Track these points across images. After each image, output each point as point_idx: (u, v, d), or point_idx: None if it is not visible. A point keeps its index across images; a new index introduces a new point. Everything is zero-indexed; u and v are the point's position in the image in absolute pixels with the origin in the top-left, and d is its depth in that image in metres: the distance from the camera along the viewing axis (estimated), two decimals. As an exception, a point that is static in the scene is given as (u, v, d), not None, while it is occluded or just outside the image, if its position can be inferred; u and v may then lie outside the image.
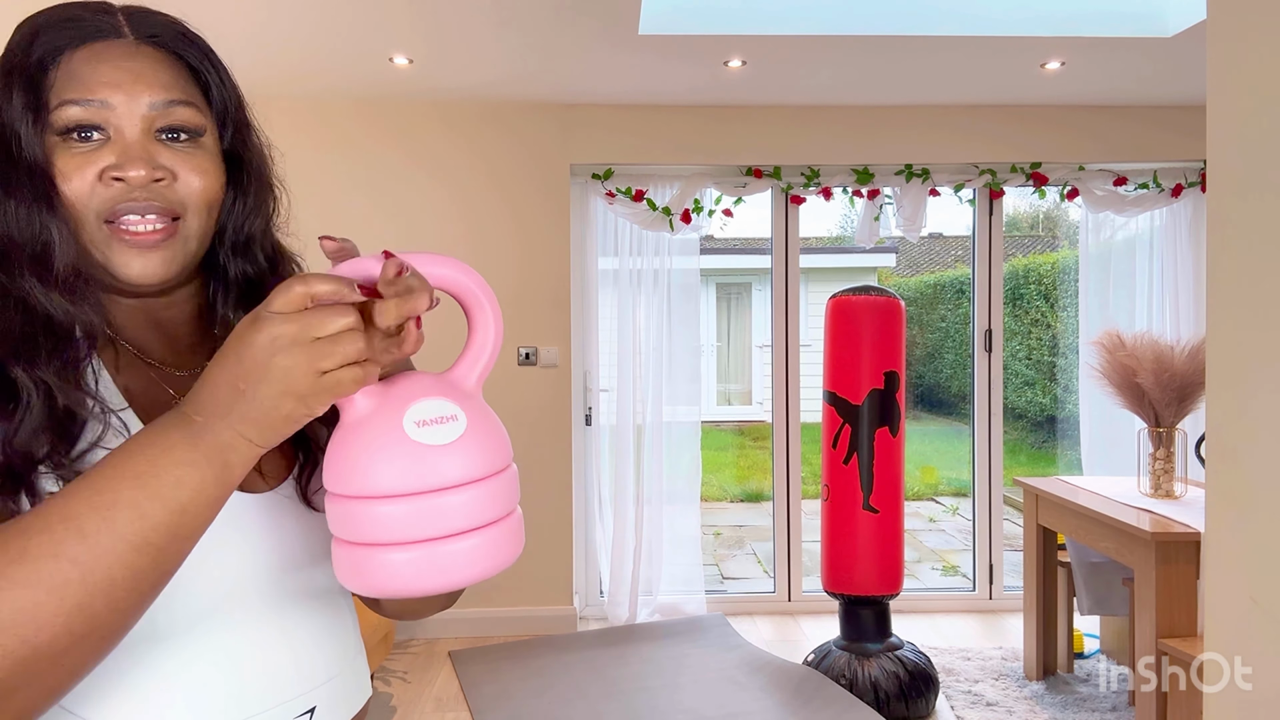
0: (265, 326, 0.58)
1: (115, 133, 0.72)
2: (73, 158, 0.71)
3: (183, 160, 0.75)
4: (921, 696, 3.29)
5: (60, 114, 0.71)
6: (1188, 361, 3.10)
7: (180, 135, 0.76)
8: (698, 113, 4.25)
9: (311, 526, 0.80)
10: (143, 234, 0.73)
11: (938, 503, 7.83)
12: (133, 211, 0.72)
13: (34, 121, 0.70)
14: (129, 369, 0.78)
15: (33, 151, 0.70)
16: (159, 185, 0.73)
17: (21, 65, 0.71)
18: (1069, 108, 4.31)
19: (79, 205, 0.71)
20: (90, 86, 0.72)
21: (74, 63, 0.72)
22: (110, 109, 0.72)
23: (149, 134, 0.74)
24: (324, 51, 3.46)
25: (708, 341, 10.25)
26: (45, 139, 0.71)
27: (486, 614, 4.25)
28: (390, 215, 4.19)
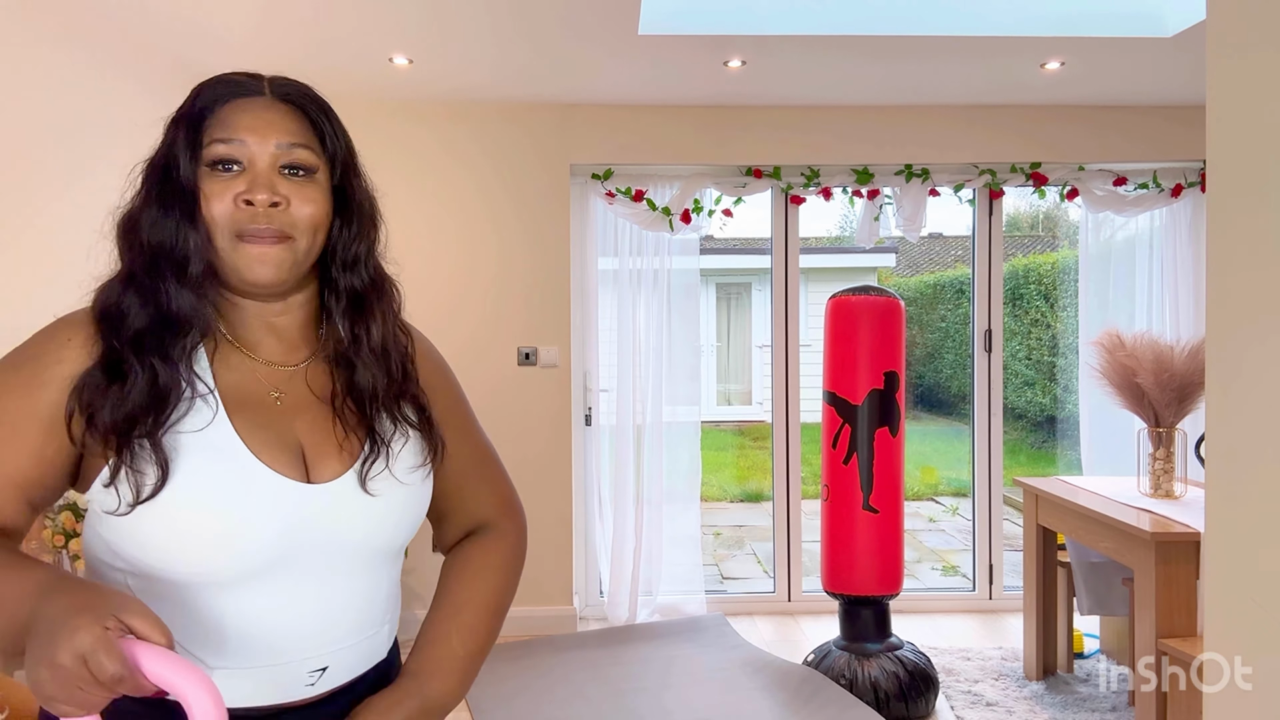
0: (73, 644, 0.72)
1: (249, 165, 0.94)
2: (216, 183, 0.94)
3: (296, 190, 0.96)
4: (921, 696, 3.29)
5: (210, 150, 0.94)
6: (1187, 361, 3.10)
7: (298, 171, 0.97)
8: (698, 113, 4.25)
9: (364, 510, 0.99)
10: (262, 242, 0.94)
11: (938, 503, 7.83)
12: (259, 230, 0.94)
13: (191, 156, 0.94)
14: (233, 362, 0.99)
15: (188, 177, 0.93)
16: (276, 210, 0.94)
17: (187, 114, 0.96)
18: (1069, 108, 4.31)
19: (219, 221, 0.94)
20: (234, 129, 0.94)
21: (224, 112, 0.95)
22: (247, 146, 0.94)
23: (274, 168, 0.95)
24: (324, 51, 3.46)
25: (708, 341, 10.25)
26: (198, 169, 0.94)
27: (486, 614, 4.25)
28: (390, 215, 4.16)
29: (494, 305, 4.22)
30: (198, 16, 3.06)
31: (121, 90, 3.12)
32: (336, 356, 1.04)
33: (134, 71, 3.20)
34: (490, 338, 4.22)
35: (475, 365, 4.22)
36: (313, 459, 0.98)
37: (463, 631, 1.12)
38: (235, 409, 0.96)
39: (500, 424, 4.23)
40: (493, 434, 4.29)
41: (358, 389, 1.03)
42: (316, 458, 0.98)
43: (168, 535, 0.90)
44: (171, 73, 3.48)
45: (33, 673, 0.73)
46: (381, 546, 1.03)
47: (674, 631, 4.10)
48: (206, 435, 0.93)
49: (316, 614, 0.97)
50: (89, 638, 0.72)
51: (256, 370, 1.00)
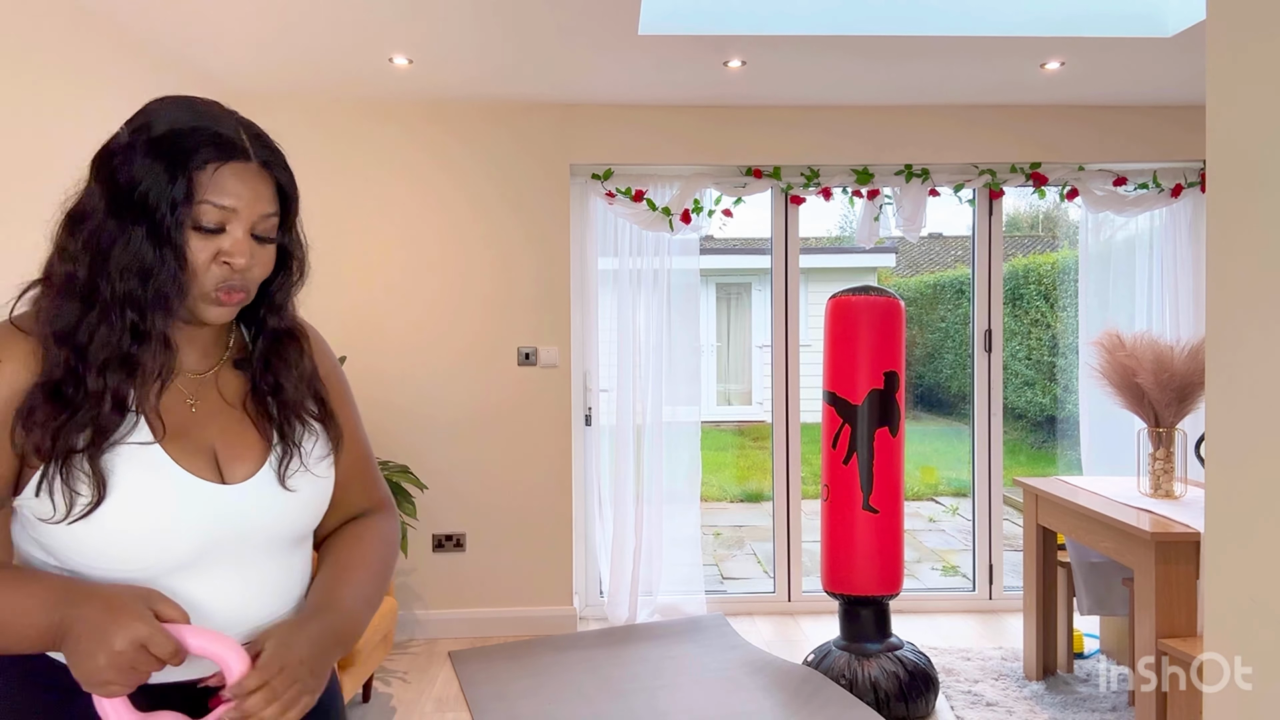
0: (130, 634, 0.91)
1: (231, 228, 1.04)
2: (202, 240, 1.03)
3: (260, 254, 1.07)
4: (921, 696, 3.29)
5: (202, 209, 1.02)
6: (1187, 361, 3.10)
7: (264, 239, 1.08)
8: (698, 113, 4.25)
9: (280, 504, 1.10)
10: (229, 302, 1.06)
11: (938, 503, 7.83)
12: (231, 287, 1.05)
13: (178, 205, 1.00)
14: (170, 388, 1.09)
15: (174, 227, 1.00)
16: (243, 270, 1.05)
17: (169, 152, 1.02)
18: (1069, 108, 4.31)
19: (199, 274, 1.03)
20: (226, 196, 1.03)
21: (219, 176, 1.03)
22: (236, 214, 1.04)
23: (248, 233, 1.05)
24: (324, 51, 3.46)
25: (708, 341, 10.25)
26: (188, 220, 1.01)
27: (486, 614, 4.25)
28: (390, 215, 4.19)
29: (494, 305, 4.22)
30: (199, 18, 3.06)
31: (122, 91, 3.12)
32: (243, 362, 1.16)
33: (134, 71, 3.20)
34: (490, 338, 4.22)
35: (476, 366, 4.22)
36: (225, 461, 1.08)
37: (352, 584, 1.16)
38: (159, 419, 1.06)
39: (500, 424, 4.24)
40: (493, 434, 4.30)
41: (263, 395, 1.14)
42: (228, 460, 1.09)
43: (99, 539, 0.99)
44: (171, 72, 3.48)
45: (87, 662, 0.90)
46: (296, 534, 1.14)
47: (674, 631, 4.10)
48: (133, 446, 1.02)
49: (238, 597, 1.07)
50: (144, 627, 0.91)
51: (177, 380, 1.10)
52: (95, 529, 0.98)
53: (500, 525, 4.26)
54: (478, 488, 4.24)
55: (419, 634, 4.21)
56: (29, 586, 0.97)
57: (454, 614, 4.25)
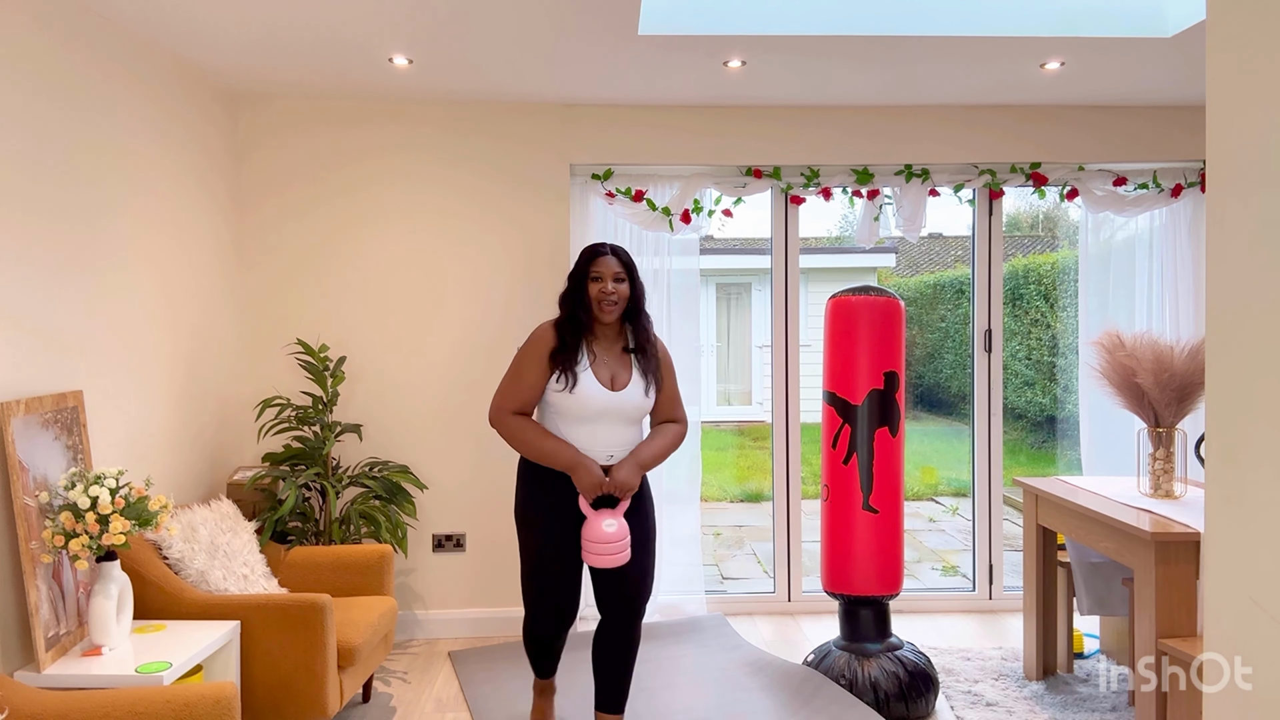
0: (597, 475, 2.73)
1: (601, 278, 2.82)
2: (592, 285, 2.82)
3: (619, 288, 2.82)
4: (921, 696, 3.29)
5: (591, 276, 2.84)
6: (1187, 361, 3.10)
7: (620, 279, 2.83)
8: (698, 113, 4.25)
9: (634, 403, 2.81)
10: (609, 308, 2.81)
11: (938, 503, 7.83)
12: (606, 300, 2.80)
13: (586, 276, 2.83)
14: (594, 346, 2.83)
15: (583, 284, 2.84)
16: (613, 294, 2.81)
17: (586, 262, 2.85)
18: (1069, 108, 4.31)
19: (592, 299, 2.81)
20: (600, 269, 2.83)
21: (595, 264, 2.84)
22: (603, 278, 2.82)
23: (611, 279, 2.82)
24: (324, 51, 3.46)
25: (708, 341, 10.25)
26: (588, 279, 2.83)
27: (486, 614, 4.25)
28: (390, 215, 4.19)
29: (494, 305, 4.22)
30: (199, 17, 3.06)
31: (121, 90, 3.12)
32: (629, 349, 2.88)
33: (134, 71, 3.20)
34: (490, 338, 4.22)
35: (475, 365, 4.23)
36: (617, 383, 2.80)
37: (648, 446, 2.84)
38: (593, 363, 2.79)
39: (500, 424, 4.23)
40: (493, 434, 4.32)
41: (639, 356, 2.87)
42: (617, 383, 2.80)
43: (571, 400, 2.75)
44: (172, 72, 3.48)
45: (584, 481, 2.69)
46: (640, 416, 2.85)
47: (674, 631, 4.10)
48: (584, 371, 2.77)
49: (613, 437, 2.79)
50: (599, 473, 2.72)
51: (604, 354, 2.83)
52: (570, 396, 2.73)
53: (500, 525, 4.25)
54: (478, 488, 4.24)
55: (419, 634, 4.21)
56: (563, 444, 2.73)
57: (454, 614, 4.25)
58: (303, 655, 2.80)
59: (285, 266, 4.15)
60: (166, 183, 3.44)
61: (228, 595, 2.93)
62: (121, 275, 3.11)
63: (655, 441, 2.83)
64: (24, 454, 2.46)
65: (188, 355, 3.61)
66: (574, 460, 2.70)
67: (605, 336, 2.83)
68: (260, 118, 4.12)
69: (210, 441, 3.81)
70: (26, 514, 2.45)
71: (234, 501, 3.47)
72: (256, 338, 4.14)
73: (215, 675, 2.71)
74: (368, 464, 4.00)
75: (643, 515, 2.84)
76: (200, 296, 3.73)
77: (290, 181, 4.14)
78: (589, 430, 2.75)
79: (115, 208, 3.07)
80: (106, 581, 2.53)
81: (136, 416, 3.21)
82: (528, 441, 2.74)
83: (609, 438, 2.77)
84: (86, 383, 2.88)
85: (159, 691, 2.18)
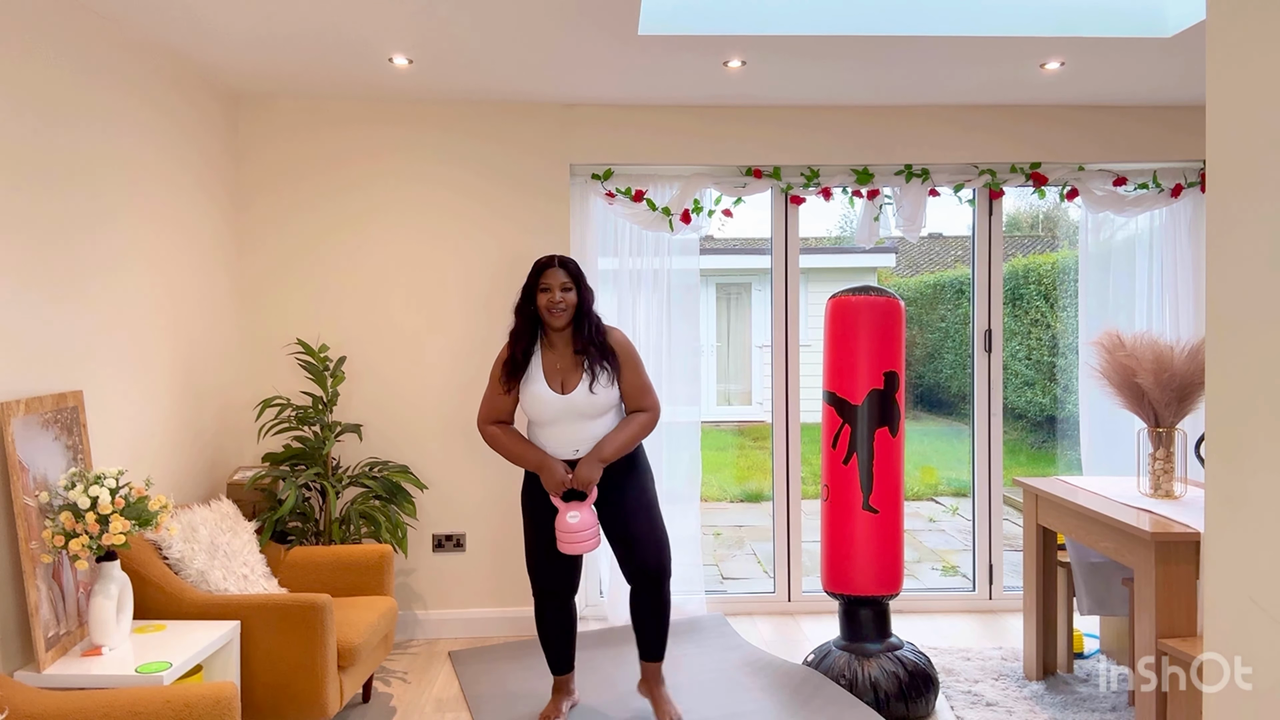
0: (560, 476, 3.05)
1: (549, 289, 3.04)
2: (540, 295, 3.05)
3: (566, 295, 3.04)
4: (921, 696, 3.29)
5: (540, 289, 3.06)
6: (1187, 361, 3.10)
7: (567, 288, 3.05)
8: (698, 113, 4.25)
9: (584, 402, 3.02)
10: (557, 314, 3.04)
11: (938, 503, 7.83)
12: (555, 308, 3.03)
13: (535, 289, 3.07)
14: (545, 353, 3.10)
15: (532, 296, 3.08)
16: (560, 303, 3.03)
17: (535, 275, 3.08)
18: (1069, 108, 4.31)
19: (542, 309, 3.05)
20: (548, 280, 3.05)
21: (544, 276, 3.06)
22: (550, 289, 3.04)
23: (559, 288, 3.04)
24: (324, 51, 3.46)
25: (708, 341, 10.25)
26: (538, 290, 3.06)
27: (486, 614, 4.25)
28: (390, 215, 4.19)
29: (494, 305, 4.22)
30: (199, 16, 3.06)
31: (122, 90, 3.12)
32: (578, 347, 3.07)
33: (134, 70, 3.20)
34: (490, 338, 4.22)
35: (474, 366, 4.22)
36: (567, 386, 3.04)
37: (611, 440, 3.04)
38: (546, 370, 3.07)
39: (500, 424, 4.23)
40: (493, 434, 4.09)
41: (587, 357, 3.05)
42: (567, 386, 3.04)
43: (528, 405, 3.08)
44: (172, 72, 3.48)
45: (548, 481, 3.01)
46: (598, 412, 3.05)
47: (674, 631, 4.09)
48: (536, 379, 3.06)
49: (574, 435, 3.06)
50: (562, 473, 3.02)
51: (553, 360, 3.08)
52: (527, 401, 3.07)
53: (500, 525, 4.26)
54: (477, 488, 4.24)
55: (419, 634, 4.21)
56: (530, 448, 3.08)
57: (454, 614, 4.25)
58: (303, 655, 2.80)
59: (285, 266, 4.15)
60: (166, 183, 3.44)
61: (228, 595, 2.93)
62: (121, 275, 3.11)
63: (619, 434, 3.04)
64: (24, 454, 2.46)
65: (188, 355, 3.61)
66: (539, 462, 3.04)
67: (559, 343, 3.08)
68: (260, 118, 4.12)
69: (210, 441, 3.81)
70: (26, 514, 2.45)
71: (234, 501, 3.47)
72: (256, 338, 4.14)
73: (215, 675, 2.71)
74: (368, 464, 4.00)
75: (635, 487, 3.12)
76: (200, 296, 3.73)
77: (290, 181, 4.14)
78: (551, 430, 3.07)
79: (115, 208, 3.07)
80: (106, 581, 2.53)
81: (136, 416, 3.21)
82: (503, 448, 3.11)
83: (570, 435, 3.05)
84: (86, 383, 2.88)
85: (159, 691, 2.18)
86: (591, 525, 3.01)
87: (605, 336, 3.08)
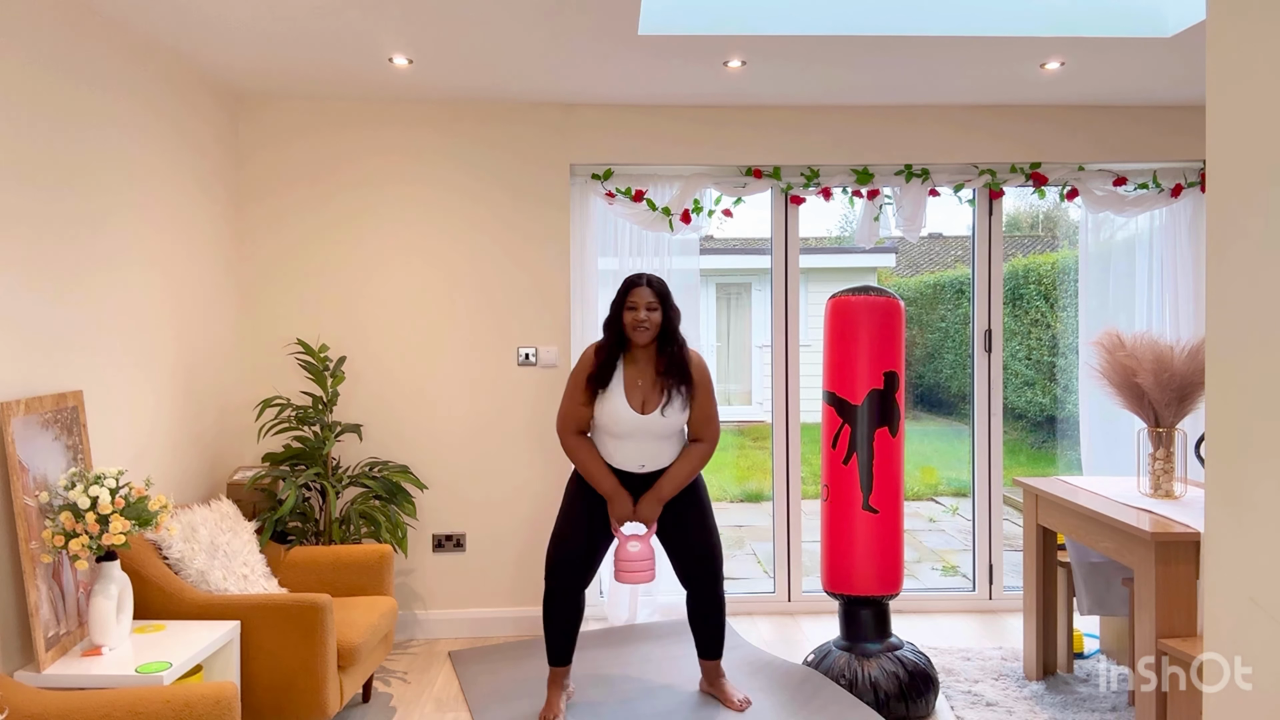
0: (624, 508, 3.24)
1: (636, 307, 3.19)
2: (627, 314, 3.20)
3: (651, 315, 3.18)
4: (921, 697, 3.29)
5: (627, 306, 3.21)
6: (1187, 361, 3.10)
7: (653, 308, 3.18)
8: (698, 113, 4.25)
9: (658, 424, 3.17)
10: (642, 333, 3.18)
11: (938, 503, 7.83)
12: (640, 327, 3.18)
13: (623, 306, 3.22)
14: (628, 367, 3.23)
15: (619, 312, 3.23)
16: (646, 322, 3.18)
17: (624, 293, 3.24)
18: (1069, 108, 4.31)
19: (627, 326, 3.20)
20: (635, 299, 3.20)
21: (631, 294, 3.21)
22: (637, 307, 3.19)
23: (644, 307, 3.18)
24: (324, 51, 3.46)
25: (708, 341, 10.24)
26: (624, 308, 3.21)
27: (486, 614, 4.25)
28: (390, 215, 4.19)
29: (494, 305, 4.22)
30: (198, 17, 3.06)
31: (122, 90, 3.12)
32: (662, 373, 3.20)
33: (135, 69, 3.20)
34: (490, 338, 4.22)
35: (476, 365, 4.23)
36: (647, 406, 3.18)
37: (669, 477, 3.21)
38: (628, 387, 3.20)
39: (500, 424, 4.24)
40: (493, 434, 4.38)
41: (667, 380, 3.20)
42: (647, 407, 3.18)
43: (605, 418, 3.18)
44: (172, 72, 3.47)
45: (616, 511, 3.20)
46: (669, 433, 3.21)
47: (674, 631, 4.10)
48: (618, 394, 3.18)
49: (643, 451, 3.21)
50: (629, 508, 3.22)
51: (635, 372, 3.22)
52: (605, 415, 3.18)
53: (500, 525, 4.26)
54: (477, 488, 4.24)
55: (419, 634, 4.21)
56: (606, 474, 3.20)
57: (454, 614, 4.25)
58: (303, 655, 2.79)
59: (286, 266, 4.15)
60: (166, 183, 3.44)
61: (228, 595, 2.93)
62: (121, 275, 3.11)
63: (679, 470, 3.22)
64: (24, 454, 2.46)
65: (188, 355, 3.61)
66: (611, 492, 3.20)
67: (641, 360, 3.21)
68: (260, 118, 4.12)
69: (210, 441, 3.81)
70: (26, 514, 2.45)
71: (234, 501, 3.47)
72: (256, 337, 4.14)
73: (215, 675, 2.71)
74: (368, 464, 4.00)
75: (692, 503, 3.30)
76: (200, 296, 3.73)
77: (290, 181, 4.14)
78: (623, 443, 3.20)
79: (115, 209, 3.07)
80: (106, 581, 2.53)
81: (136, 416, 3.21)
82: (580, 462, 3.24)
83: (641, 451, 3.20)
84: (86, 383, 2.88)
85: (159, 691, 2.18)
86: (650, 557, 3.21)
87: (687, 361, 3.21)
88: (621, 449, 3.21)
